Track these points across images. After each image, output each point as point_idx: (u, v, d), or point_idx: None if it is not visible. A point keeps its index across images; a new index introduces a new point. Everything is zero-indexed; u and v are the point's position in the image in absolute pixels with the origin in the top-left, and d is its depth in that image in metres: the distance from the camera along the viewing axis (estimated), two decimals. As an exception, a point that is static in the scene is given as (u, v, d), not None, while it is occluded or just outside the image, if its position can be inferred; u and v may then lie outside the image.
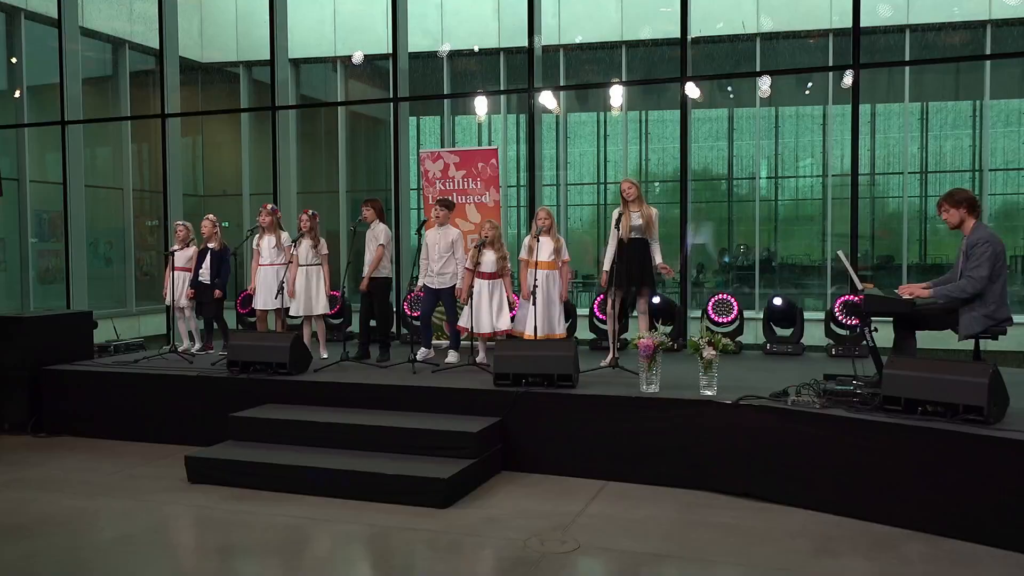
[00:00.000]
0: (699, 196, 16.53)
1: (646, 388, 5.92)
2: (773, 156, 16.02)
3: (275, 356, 6.75)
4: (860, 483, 4.92)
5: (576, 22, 15.08)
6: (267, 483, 5.60)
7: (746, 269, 15.56)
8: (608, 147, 16.37)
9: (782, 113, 15.88)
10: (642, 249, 6.78)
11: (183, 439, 6.71)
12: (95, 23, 14.17)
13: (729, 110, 16.23)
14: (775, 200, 16.19)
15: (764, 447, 5.35)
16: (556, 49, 15.09)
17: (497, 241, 7.14)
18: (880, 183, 15.46)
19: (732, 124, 16.29)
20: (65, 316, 7.84)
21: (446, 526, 4.92)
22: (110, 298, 14.50)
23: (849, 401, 5.27)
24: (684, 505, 5.31)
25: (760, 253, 15.37)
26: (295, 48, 15.88)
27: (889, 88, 14.87)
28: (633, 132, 15.97)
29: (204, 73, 16.53)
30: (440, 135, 16.20)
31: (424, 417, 6.09)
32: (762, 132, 15.59)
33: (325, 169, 16.24)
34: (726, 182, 16.29)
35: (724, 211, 16.29)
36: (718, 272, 16.45)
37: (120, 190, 14.68)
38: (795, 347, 7.73)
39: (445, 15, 15.44)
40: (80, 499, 5.49)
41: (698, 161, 16.45)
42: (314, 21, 15.54)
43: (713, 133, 16.46)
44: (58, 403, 7.28)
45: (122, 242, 14.62)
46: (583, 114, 16.85)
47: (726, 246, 16.47)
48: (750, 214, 15.21)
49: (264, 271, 7.78)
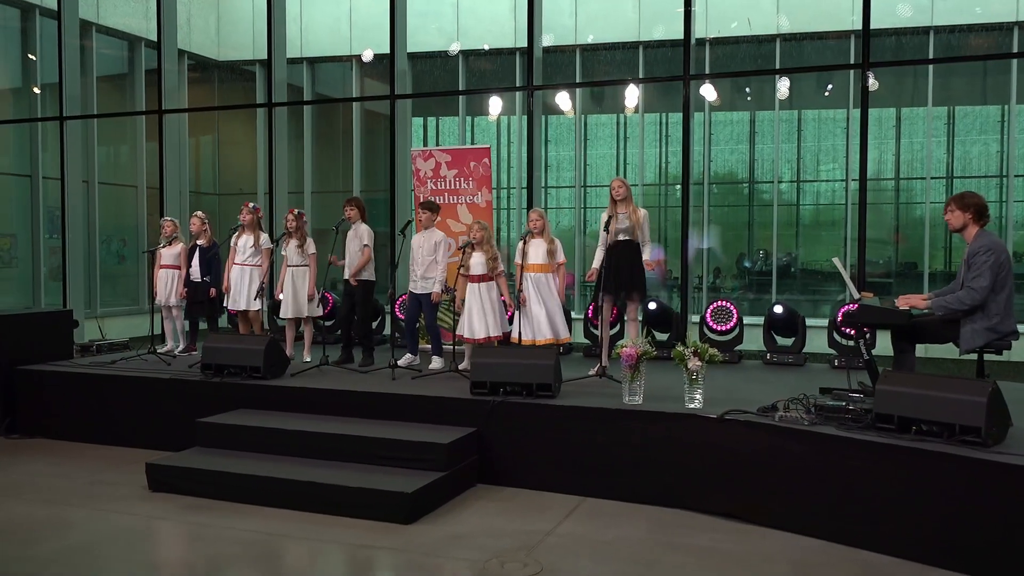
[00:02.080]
0: (722, 200, 16.21)
1: (629, 399, 5.62)
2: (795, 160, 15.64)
3: (249, 359, 6.54)
4: (848, 506, 4.58)
5: (592, 22, 14.80)
6: (227, 493, 5.38)
7: (765, 274, 15.18)
8: (628, 149, 16.09)
9: (804, 116, 15.50)
10: (631, 252, 6.48)
11: (155, 443, 6.51)
12: (111, 21, 14.14)
13: (751, 113, 15.89)
14: (796, 204, 15.81)
15: (748, 465, 5.03)
16: (572, 49, 14.82)
17: (486, 243, 6.87)
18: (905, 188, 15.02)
19: (753, 127, 15.94)
20: (43, 315, 7.70)
21: (405, 544, 4.66)
22: (125, 295, 14.48)
23: (840, 418, 4.93)
24: (661, 525, 5.00)
25: (780, 259, 14.98)
26: (311, 47, 15.80)
27: (914, 92, 14.44)
28: (653, 134, 15.64)
29: (220, 71, 16.48)
30: (459, 135, 16.00)
31: (396, 426, 5.84)
32: (784, 135, 15.21)
33: (341, 168, 16.11)
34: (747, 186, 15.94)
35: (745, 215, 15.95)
36: (736, 277, 16.09)
37: (134, 187, 14.64)
38: (796, 357, 7.37)
39: (461, 14, 15.24)
40: (35, 506, 5.30)
41: (719, 165, 16.13)
42: (330, 20, 15.42)
43: (734, 136, 16.13)
44: (32, 404, 7.13)
45: (135, 240, 14.58)
46: (601, 116, 16.58)
47: (745, 251, 16.12)
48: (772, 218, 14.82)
49: (236, 270, 7.56)
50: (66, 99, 10.69)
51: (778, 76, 13.71)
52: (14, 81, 13.24)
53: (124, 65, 14.87)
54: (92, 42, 13.79)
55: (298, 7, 15.60)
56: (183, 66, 15.23)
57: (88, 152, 13.54)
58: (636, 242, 6.50)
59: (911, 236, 14.62)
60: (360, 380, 6.62)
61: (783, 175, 15.27)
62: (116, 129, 14.46)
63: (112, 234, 14.49)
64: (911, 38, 13.45)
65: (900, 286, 14.06)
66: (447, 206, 8.23)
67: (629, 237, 6.50)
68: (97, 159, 13.80)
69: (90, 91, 13.54)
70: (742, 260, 16.15)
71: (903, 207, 15.06)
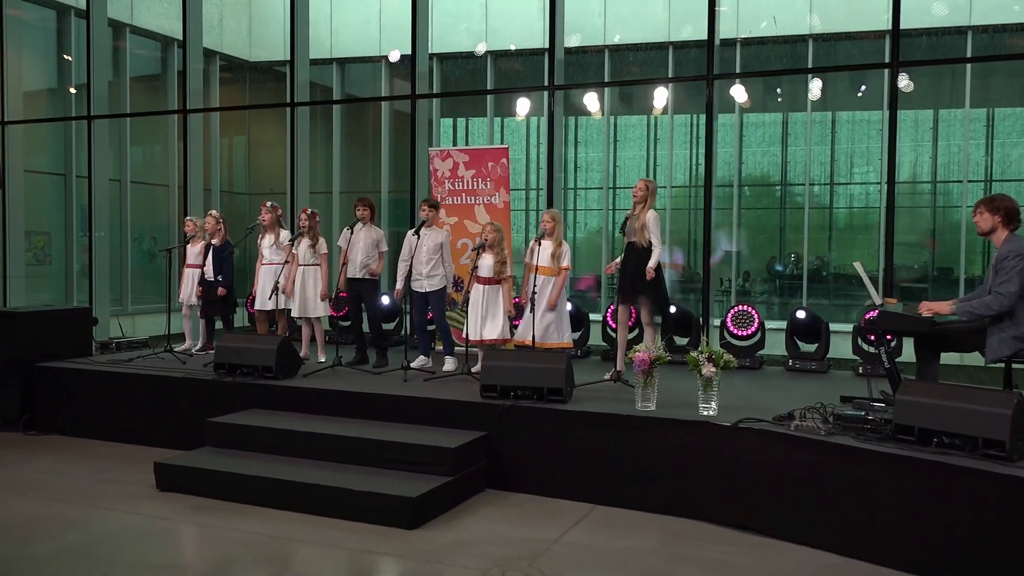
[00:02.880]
0: (755, 202, 15.96)
1: (642, 406, 5.48)
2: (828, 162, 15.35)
3: (261, 359, 6.50)
4: (865, 520, 4.40)
5: (622, 21, 14.64)
6: (234, 494, 5.33)
7: (795, 278, 14.90)
8: (658, 151, 15.91)
9: (839, 118, 15.21)
10: (637, 256, 6.34)
11: (168, 442, 6.50)
12: (145, 22, 14.27)
13: (783, 115, 15.63)
14: (829, 208, 15.52)
15: (763, 475, 4.86)
16: (600, 49, 14.68)
17: (497, 245, 6.76)
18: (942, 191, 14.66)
19: (786, 129, 15.68)
20: (62, 312, 7.74)
21: (406, 550, 4.57)
22: (156, 293, 14.61)
23: (859, 428, 4.75)
24: (672, 536, 4.85)
25: (812, 262, 14.69)
26: (341, 47, 15.83)
27: (952, 93, 14.09)
28: (682, 135, 15.44)
29: (251, 72, 16.58)
30: (487, 135, 15.95)
31: (405, 429, 5.75)
32: (817, 137, 14.93)
33: (370, 169, 16.12)
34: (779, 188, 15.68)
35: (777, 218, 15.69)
36: (766, 280, 15.83)
37: (166, 187, 14.78)
38: (819, 364, 7.15)
39: (490, 15, 15.18)
40: (40, 504, 5.29)
41: (752, 167, 15.89)
42: (360, 21, 15.44)
43: (767, 138, 15.88)
44: (49, 401, 7.16)
45: (166, 238, 14.72)
46: (631, 117, 16.41)
47: (776, 254, 15.86)
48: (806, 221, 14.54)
49: (264, 270, 7.58)
50: (95, 99, 10.78)
51: (810, 76, 13.44)
52: (50, 82, 13.41)
53: (157, 65, 15.02)
54: (126, 43, 13.93)
55: (328, 8, 15.65)
56: (215, 66, 15.36)
57: (121, 151, 13.69)
58: (641, 245, 6.34)
59: (948, 241, 14.27)
60: (372, 381, 6.55)
61: (816, 177, 14.99)
62: (150, 129, 14.61)
63: (144, 233, 14.64)
64: (948, 38, 13.11)
65: (936, 292, 13.72)
66: (464, 207, 8.14)
67: (634, 239, 6.37)
68: (130, 158, 13.93)
69: (124, 91, 13.68)
70: (773, 264, 15.89)
71: (940, 211, 14.71)
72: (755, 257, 15.89)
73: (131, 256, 13.98)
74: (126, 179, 13.80)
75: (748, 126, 15.62)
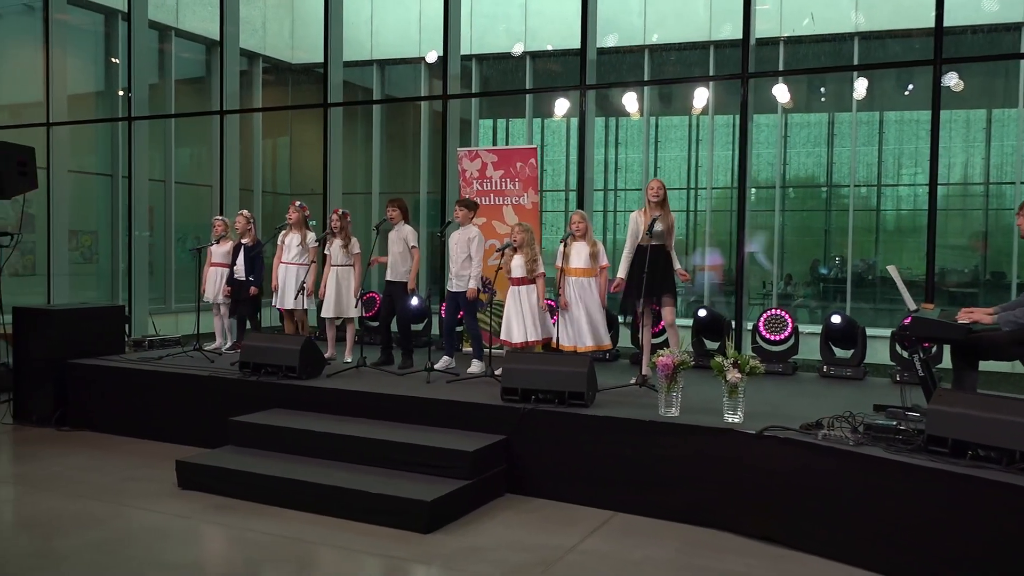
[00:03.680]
0: (800, 204, 15.67)
1: (664, 411, 5.35)
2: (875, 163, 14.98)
3: (285, 359, 6.51)
4: (893, 535, 4.22)
5: (663, 20, 14.46)
6: (252, 494, 5.33)
7: (840, 282, 14.57)
8: (699, 152, 15.69)
9: (886, 118, 14.84)
10: (664, 257, 6.27)
11: (193, 440, 6.56)
12: (190, 25, 14.48)
13: (829, 114, 15.30)
14: (876, 210, 15.15)
15: (788, 485, 4.70)
16: (640, 49, 14.51)
17: (527, 245, 6.69)
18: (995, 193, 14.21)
19: (832, 129, 15.36)
20: (94, 310, 7.84)
21: (417, 554, 4.51)
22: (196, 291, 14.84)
23: (889, 438, 4.56)
24: (692, 546, 4.72)
25: (856, 265, 14.34)
26: (381, 49, 15.91)
27: (1005, 92, 13.66)
28: (725, 136, 15.20)
29: (294, 74, 16.75)
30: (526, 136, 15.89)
31: (425, 431, 5.70)
32: (864, 138, 14.57)
33: (410, 170, 16.18)
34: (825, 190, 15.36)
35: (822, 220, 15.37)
36: (809, 283, 15.51)
37: (209, 187, 15.00)
38: (855, 370, 6.93)
39: (529, 16, 15.13)
40: (66, 500, 5.35)
41: (797, 168, 15.60)
42: (401, 22, 15.49)
43: (812, 138, 15.57)
44: (81, 397, 7.27)
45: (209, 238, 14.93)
46: (673, 118, 16.22)
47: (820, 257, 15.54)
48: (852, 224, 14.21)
49: (284, 268, 7.58)
50: (135, 101, 10.96)
51: (855, 75, 13.11)
52: (98, 84, 13.67)
53: (202, 68, 15.24)
54: (171, 46, 14.15)
55: (369, 10, 15.72)
56: (258, 68, 15.55)
57: (166, 152, 13.92)
58: (666, 247, 6.30)
59: (1000, 244, 13.82)
60: (394, 383, 6.51)
61: (862, 179, 14.64)
62: (196, 130, 14.82)
63: (187, 232, 14.86)
64: (998, 35, 12.68)
65: (987, 297, 13.30)
66: (493, 207, 8.07)
67: (662, 241, 6.28)
68: (176, 159, 14.16)
69: (169, 93, 13.90)
70: (817, 266, 15.57)
71: (992, 213, 14.26)
72: (799, 260, 15.59)
73: (174, 255, 14.20)
74: (170, 179, 14.02)
75: (793, 126, 15.34)
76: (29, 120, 11.56)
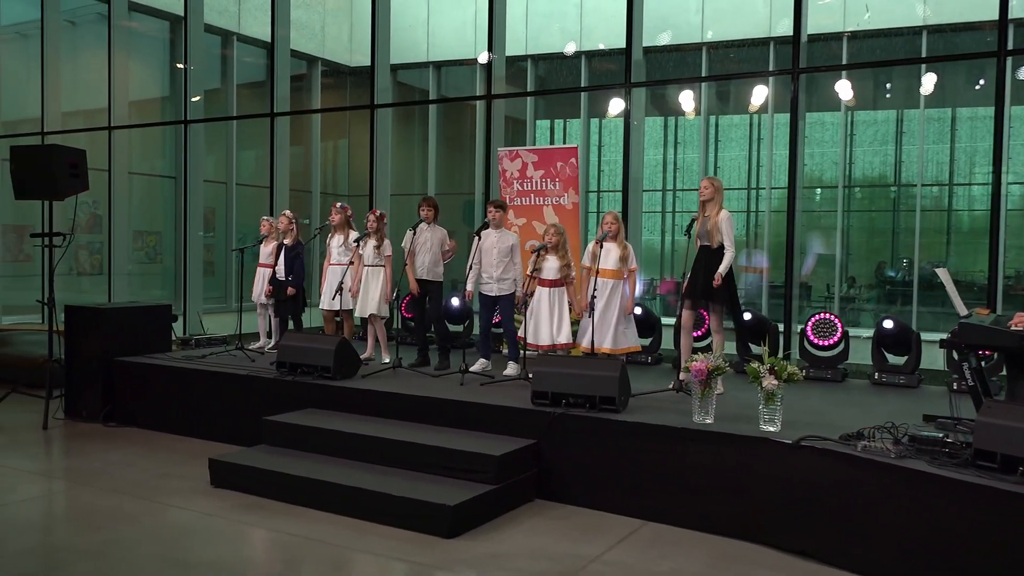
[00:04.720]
0: (869, 204, 15.16)
1: (698, 418, 5.17)
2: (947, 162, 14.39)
3: (320, 359, 6.52)
4: (936, 554, 3.97)
5: (721, 17, 14.14)
6: (281, 493, 5.33)
7: (906, 285, 14.02)
8: (760, 151, 15.32)
9: (958, 115, 14.24)
10: (708, 259, 6.00)
11: (231, 438, 6.63)
12: (251, 30, 14.74)
13: (897, 112, 14.74)
14: (947, 210, 14.55)
15: (825, 498, 4.48)
16: (698, 47, 14.22)
17: (561, 247, 6.59)
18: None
19: (900, 127, 14.80)
20: (142, 309, 7.99)
21: (437, 560, 4.43)
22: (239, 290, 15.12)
23: (934, 451, 4.31)
24: (723, 559, 4.53)
25: (923, 267, 13.78)
26: (437, 51, 15.96)
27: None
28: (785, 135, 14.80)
29: (352, 76, 16.93)
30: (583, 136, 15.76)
31: (454, 434, 5.63)
32: (935, 135, 14.01)
33: (466, 170, 16.19)
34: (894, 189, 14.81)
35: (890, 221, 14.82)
36: (873, 286, 14.97)
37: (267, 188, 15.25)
38: (908, 378, 6.60)
39: (585, 15, 14.99)
40: (102, 496, 5.44)
41: (864, 167, 15.09)
42: (457, 24, 15.52)
43: (879, 136, 15.04)
44: (127, 394, 7.41)
45: (267, 239, 15.19)
46: (733, 117, 15.87)
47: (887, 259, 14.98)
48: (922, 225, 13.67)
49: (332, 270, 7.64)
50: (191, 105, 11.19)
51: (923, 69, 12.59)
52: (163, 90, 14.02)
53: (262, 72, 15.49)
54: (233, 51, 14.43)
55: (426, 12, 15.78)
56: (316, 72, 15.75)
57: (228, 155, 14.20)
58: (714, 248, 6.02)
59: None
60: (428, 384, 6.46)
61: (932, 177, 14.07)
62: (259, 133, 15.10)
63: (248, 233, 15.14)
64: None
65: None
66: (533, 207, 7.97)
67: (707, 242, 6.04)
68: (238, 162, 14.44)
69: (230, 97, 14.18)
70: (884, 268, 15.02)
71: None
72: (864, 261, 15.06)
73: (234, 256, 14.47)
74: (231, 181, 14.30)
75: (858, 124, 14.83)
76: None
